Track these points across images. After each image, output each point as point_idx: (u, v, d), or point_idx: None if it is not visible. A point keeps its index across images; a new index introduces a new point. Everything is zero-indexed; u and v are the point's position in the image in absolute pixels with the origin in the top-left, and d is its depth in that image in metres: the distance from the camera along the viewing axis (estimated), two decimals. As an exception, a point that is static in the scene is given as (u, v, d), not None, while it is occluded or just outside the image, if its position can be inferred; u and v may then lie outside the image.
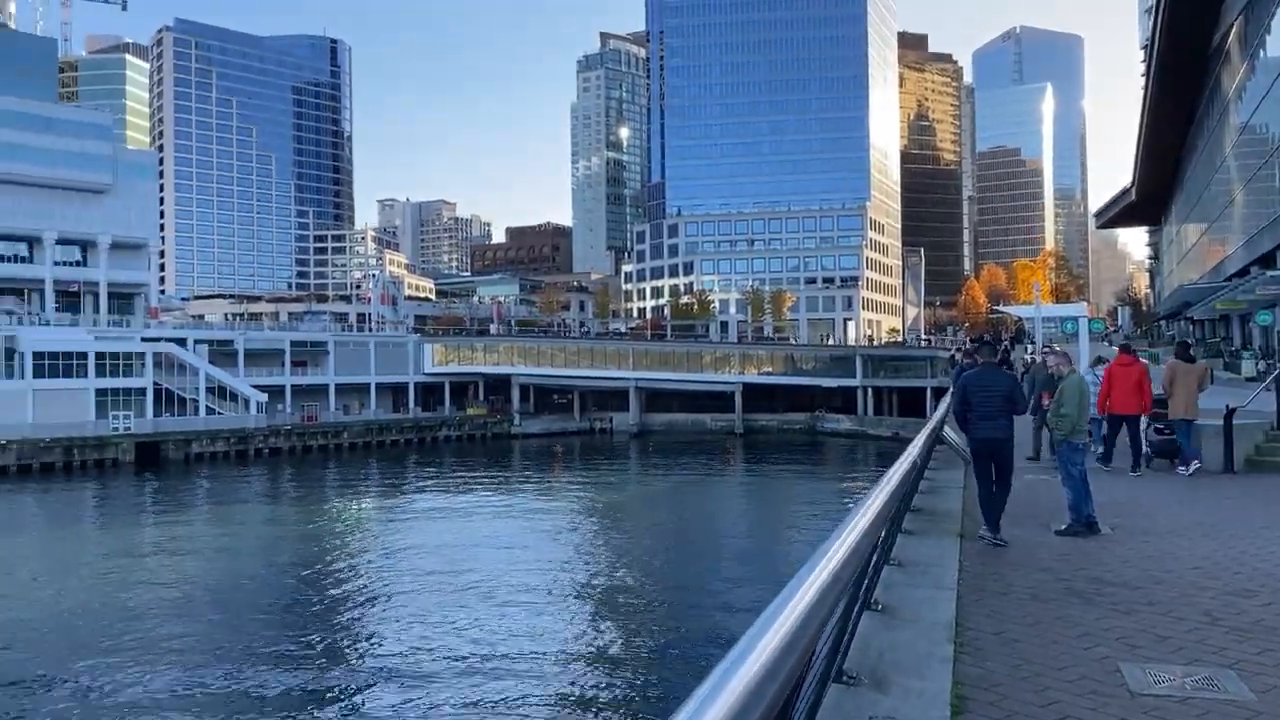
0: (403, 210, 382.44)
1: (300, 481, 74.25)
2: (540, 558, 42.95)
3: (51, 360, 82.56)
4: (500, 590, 36.46)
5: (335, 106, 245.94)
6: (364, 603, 36.10)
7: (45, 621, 33.31)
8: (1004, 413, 11.96)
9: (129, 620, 33.24)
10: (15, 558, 46.34)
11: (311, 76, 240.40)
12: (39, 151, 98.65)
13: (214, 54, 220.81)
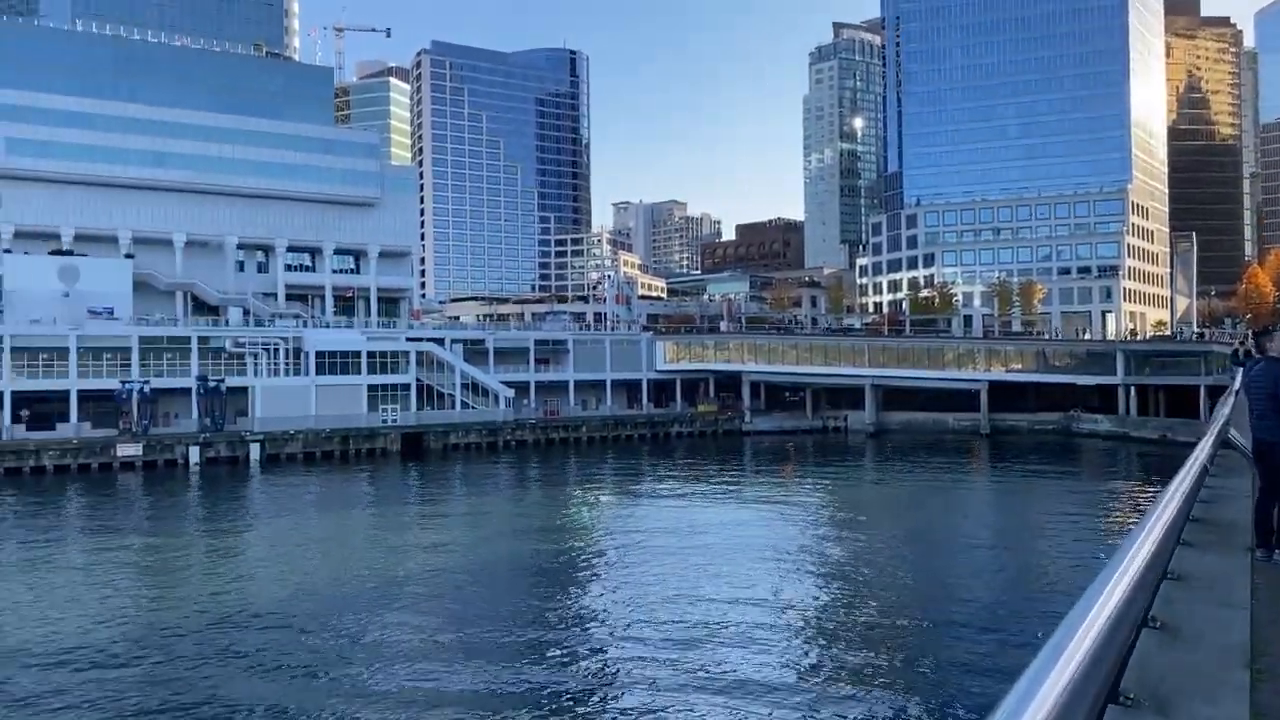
0: (636, 212, 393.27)
1: (544, 472, 78.10)
2: (776, 557, 42.71)
3: (331, 359, 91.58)
4: (737, 586, 36.59)
5: (574, 115, 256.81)
6: (604, 591, 37.42)
7: (326, 592, 37.02)
8: (1273, 411, 10.82)
9: (395, 592, 36.30)
10: (304, 535, 51.84)
11: (553, 88, 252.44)
12: (320, 171, 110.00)
13: (465, 72, 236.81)
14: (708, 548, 44.54)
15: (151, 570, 43.17)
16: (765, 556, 42.64)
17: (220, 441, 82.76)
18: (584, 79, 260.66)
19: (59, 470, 75.43)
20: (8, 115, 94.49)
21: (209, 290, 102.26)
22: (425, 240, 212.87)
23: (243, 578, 41.41)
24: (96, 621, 32.91)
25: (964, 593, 36.21)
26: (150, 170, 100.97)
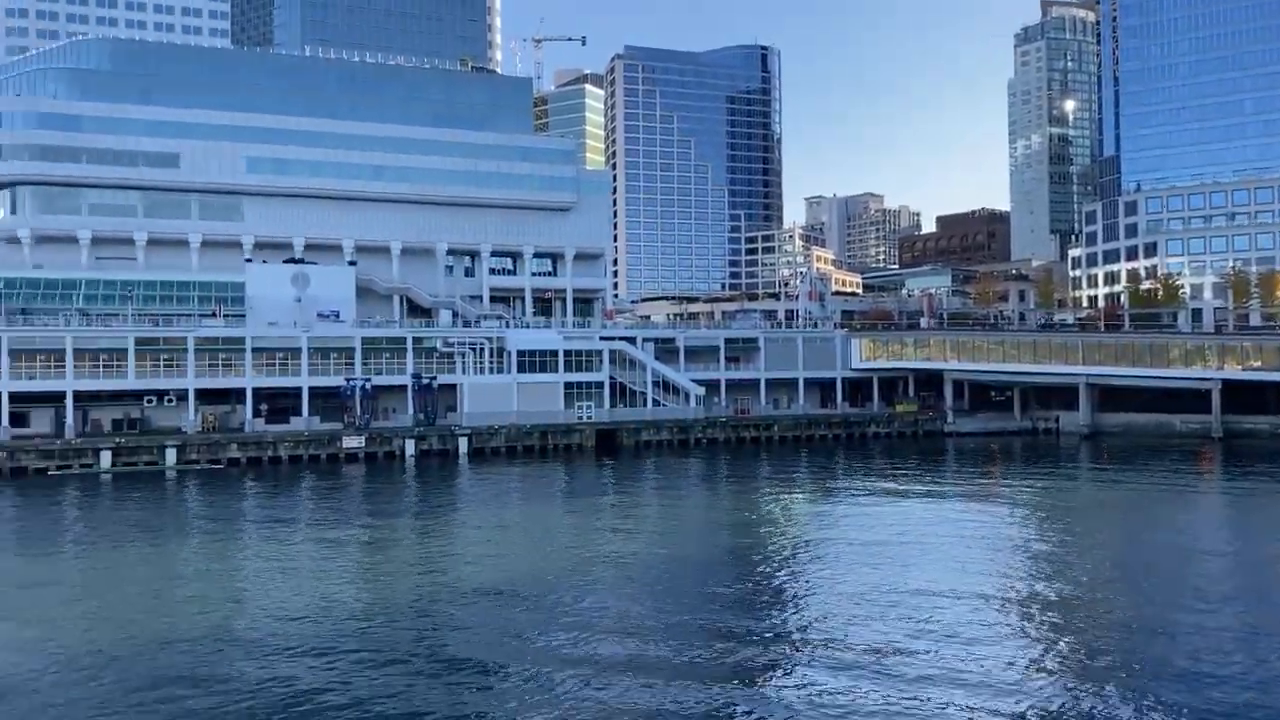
0: (829, 206, 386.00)
1: (735, 470, 78.07)
2: (979, 567, 40.81)
3: (531, 358, 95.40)
4: (935, 594, 35.25)
5: (765, 112, 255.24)
6: (797, 590, 36.96)
7: (530, 577, 38.59)
8: None
9: (593, 580, 37.38)
10: (509, 525, 54.28)
11: (744, 85, 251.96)
12: (520, 178, 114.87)
13: (658, 74, 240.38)
14: (905, 552, 43.13)
15: (374, 552, 46.49)
16: (966, 564, 40.82)
17: (432, 435, 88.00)
18: (775, 74, 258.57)
19: (293, 460, 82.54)
20: (249, 136, 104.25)
21: (422, 294, 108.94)
22: (618, 241, 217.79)
23: (454, 562, 43.87)
24: (327, 597, 35.81)
25: (1196, 625, 33.23)
26: (370, 183, 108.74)
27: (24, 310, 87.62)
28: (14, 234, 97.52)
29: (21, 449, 77.38)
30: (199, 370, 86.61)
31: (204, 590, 38.53)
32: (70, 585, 40.11)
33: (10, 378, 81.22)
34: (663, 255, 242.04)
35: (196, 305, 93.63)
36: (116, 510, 61.18)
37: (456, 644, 30.01)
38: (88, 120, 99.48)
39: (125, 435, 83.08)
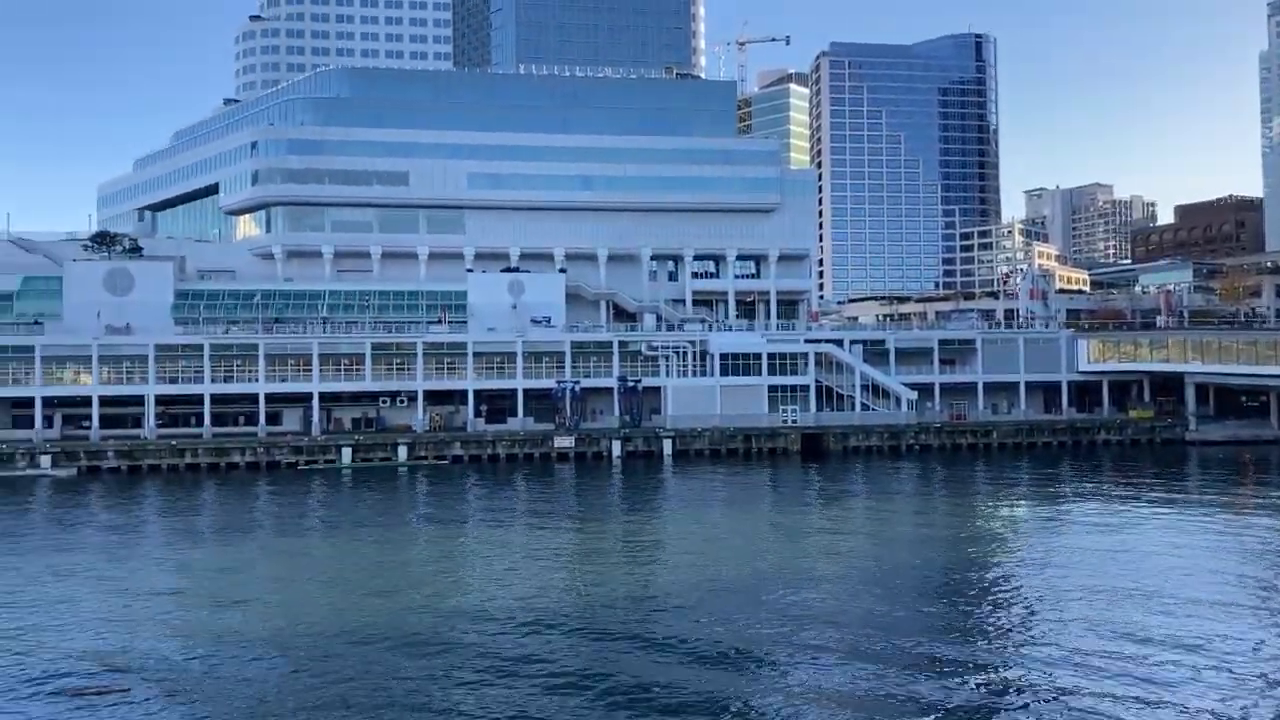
0: (1051, 199, 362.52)
1: (950, 479, 74.80)
2: (1229, 596, 36.98)
3: (734, 360, 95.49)
4: (1177, 623, 32.29)
5: (980, 102, 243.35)
6: (1021, 612, 34.88)
7: (734, 580, 38.62)
8: None
9: (799, 586, 36.87)
10: (712, 527, 54.62)
11: (957, 76, 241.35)
12: (722, 181, 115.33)
13: (865, 69, 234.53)
14: (1141, 573, 39.75)
15: (582, 549, 48.07)
16: (1213, 592, 37.08)
17: (638, 437, 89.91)
18: (990, 62, 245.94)
19: (509, 458, 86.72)
20: (469, 154, 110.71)
21: (627, 299, 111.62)
22: (823, 242, 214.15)
23: (663, 560, 44.63)
24: (547, 587, 37.34)
25: None
26: (579, 193, 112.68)
27: (277, 319, 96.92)
28: (268, 250, 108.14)
29: (276, 444, 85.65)
30: (427, 373, 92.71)
31: (435, 577, 41.16)
32: (317, 568, 43.91)
33: (266, 380, 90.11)
34: (871, 255, 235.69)
35: (424, 313, 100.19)
36: (356, 502, 66.48)
37: (667, 640, 30.47)
38: (329, 144, 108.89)
39: (363, 433, 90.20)
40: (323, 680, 26.97)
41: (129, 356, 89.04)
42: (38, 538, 52.88)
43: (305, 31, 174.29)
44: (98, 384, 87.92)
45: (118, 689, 25.71)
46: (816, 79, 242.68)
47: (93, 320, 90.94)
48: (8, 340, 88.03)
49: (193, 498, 68.43)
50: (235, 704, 25.23)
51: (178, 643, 30.71)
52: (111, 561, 45.02)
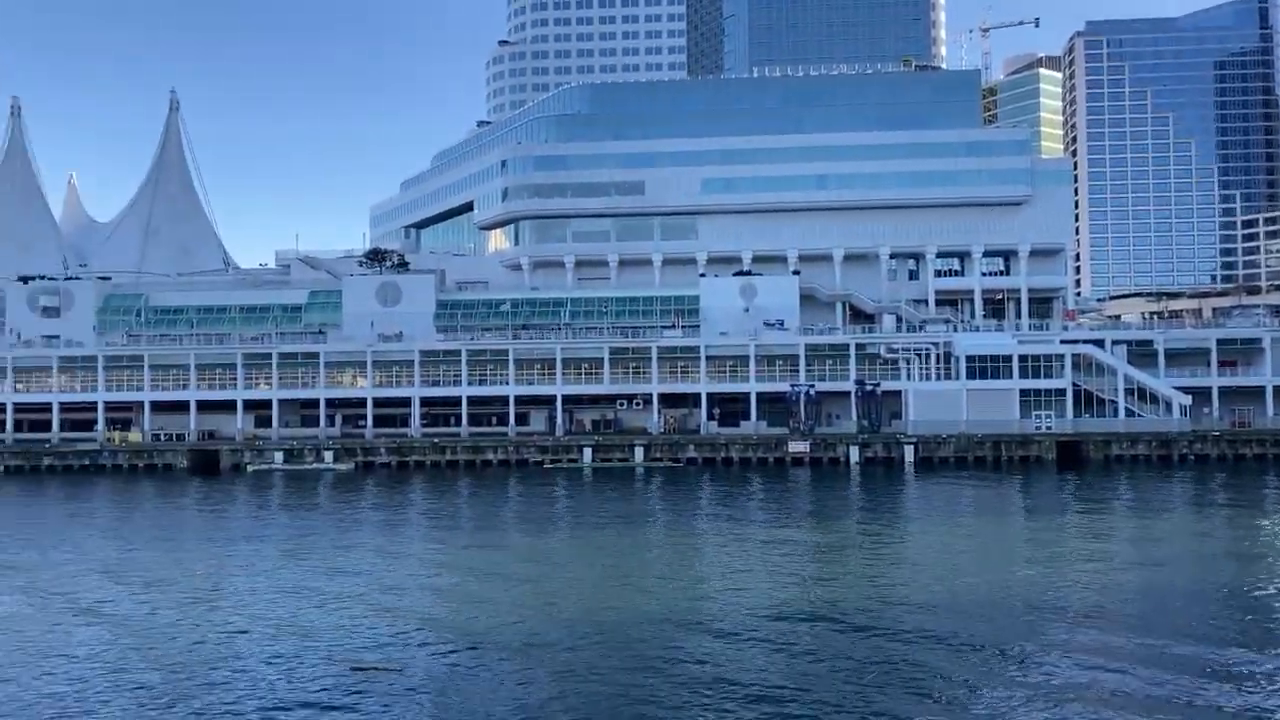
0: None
1: (1233, 492, 67.17)
2: None
3: (981, 363, 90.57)
4: None
5: (1266, 74, 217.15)
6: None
7: (982, 598, 36.54)
8: None
9: (1054, 609, 34.31)
10: (957, 540, 52.02)
11: (1237, 46, 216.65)
12: (966, 174, 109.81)
13: (1125, 48, 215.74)
14: None
15: (820, 553, 47.21)
16: None
17: (877, 442, 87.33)
18: (1277, 29, 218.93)
19: (742, 462, 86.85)
20: (702, 160, 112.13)
21: (864, 299, 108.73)
22: (1080, 235, 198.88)
23: (904, 571, 43.00)
24: (780, 593, 37.03)
25: None
26: (813, 193, 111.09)
27: (524, 326, 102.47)
28: (517, 261, 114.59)
29: (524, 444, 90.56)
30: (661, 377, 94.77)
31: (668, 576, 41.91)
32: (565, 564, 45.92)
33: (516, 383, 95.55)
34: (1135, 248, 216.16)
35: (659, 318, 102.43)
36: (597, 500, 68.99)
37: (905, 657, 29.29)
38: (570, 159, 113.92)
39: (602, 434, 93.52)
40: (569, 670, 28.09)
41: (397, 362, 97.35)
42: (326, 525, 58.80)
43: (549, 52, 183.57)
44: (372, 387, 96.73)
45: (392, 668, 28.01)
46: (1070, 61, 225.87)
47: (367, 329, 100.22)
48: (297, 348, 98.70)
49: (453, 492, 73.65)
50: (490, 689, 26.78)
51: (441, 628, 33.06)
52: (386, 549, 49.21)
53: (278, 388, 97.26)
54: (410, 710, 24.94)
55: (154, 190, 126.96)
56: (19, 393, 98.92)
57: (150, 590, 39.37)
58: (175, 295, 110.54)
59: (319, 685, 26.81)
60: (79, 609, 36.23)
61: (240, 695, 26.09)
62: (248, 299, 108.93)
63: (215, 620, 34.14)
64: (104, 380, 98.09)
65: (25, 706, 25.47)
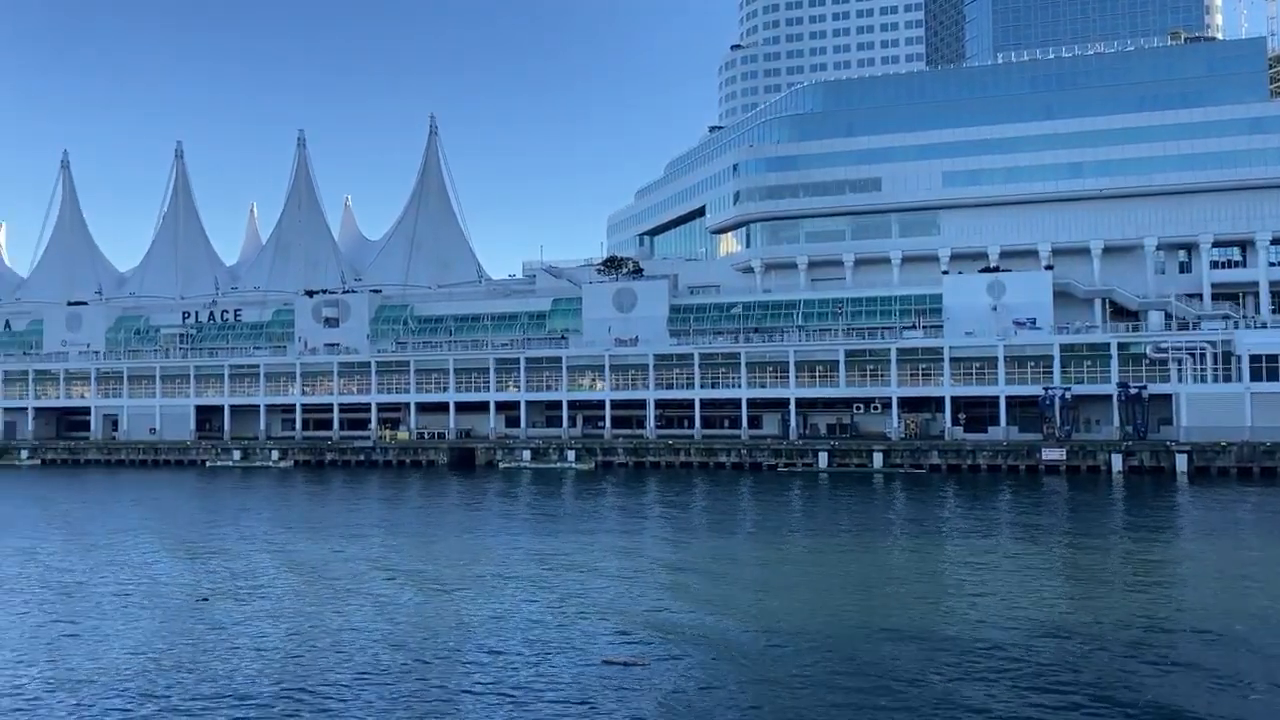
0: None
1: None
2: None
3: (1270, 363, 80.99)
4: None
5: None
6: None
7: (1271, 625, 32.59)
8: None
9: None
10: (1242, 563, 46.69)
11: None
12: (1251, 154, 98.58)
13: None
14: None
15: (1077, 568, 43.87)
16: None
17: (1142, 450, 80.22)
18: None
19: (991, 469, 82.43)
20: (943, 153, 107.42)
21: (1127, 295, 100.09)
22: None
23: (1175, 597, 39.19)
24: (1030, 612, 34.76)
25: None
26: (1067, 182, 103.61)
27: (756, 329, 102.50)
28: (748, 264, 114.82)
29: (757, 447, 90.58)
30: (900, 380, 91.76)
31: (910, 587, 40.45)
32: (799, 567, 45.47)
33: (747, 386, 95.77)
34: None
35: (897, 318, 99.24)
36: (833, 505, 67.83)
37: (1174, 695, 26.63)
38: (803, 159, 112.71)
39: (838, 439, 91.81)
40: (807, 677, 27.78)
41: (633, 365, 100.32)
42: (571, 521, 61.60)
43: (781, 54, 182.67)
44: (609, 390, 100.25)
45: (639, 662, 28.85)
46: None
47: (605, 334, 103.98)
48: (542, 353, 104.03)
49: (688, 492, 74.89)
50: (732, 689, 26.96)
51: (681, 626, 33.68)
52: (627, 546, 50.81)
53: (525, 390, 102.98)
54: (658, 706, 25.57)
55: (417, 209, 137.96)
56: (306, 394, 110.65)
57: (416, 577, 42.76)
58: (436, 305, 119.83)
59: (570, 675, 28.06)
60: (356, 591, 39.92)
61: (495, 678, 27.77)
62: (498, 308, 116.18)
63: (475, 607, 36.54)
64: (376, 383, 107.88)
65: (317, 676, 28.39)
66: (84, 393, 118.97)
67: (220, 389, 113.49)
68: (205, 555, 48.92)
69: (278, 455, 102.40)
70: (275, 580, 42.52)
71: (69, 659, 30.32)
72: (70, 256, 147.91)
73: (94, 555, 49.54)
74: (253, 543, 52.81)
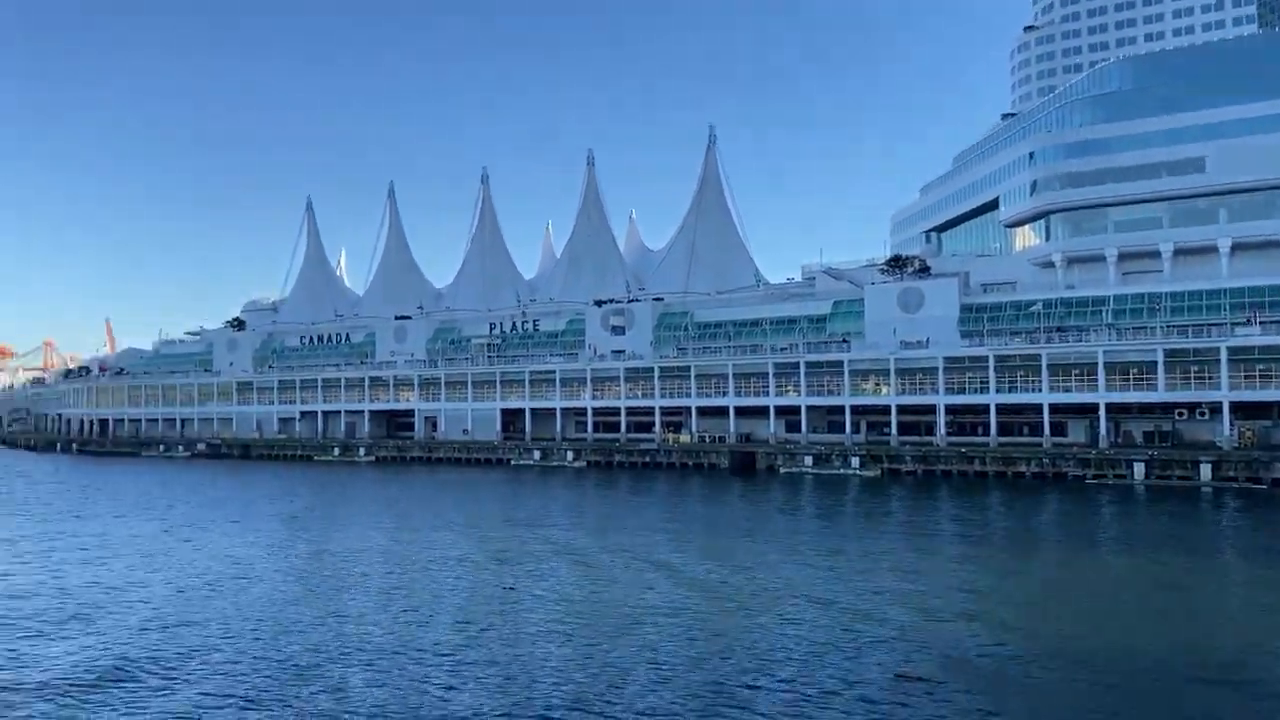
0: None
1: None
2: None
3: None
4: None
5: None
6: None
7: None
8: None
9: None
10: None
11: None
12: None
13: None
14: None
15: None
16: None
17: None
18: None
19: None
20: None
21: None
22: None
23: None
24: None
25: None
26: None
27: (1058, 328, 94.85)
28: (1048, 258, 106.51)
29: (1061, 456, 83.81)
30: (1233, 382, 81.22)
31: (1243, 623, 35.57)
32: (1107, 594, 41.39)
33: (1049, 390, 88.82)
34: None
35: (1228, 313, 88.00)
36: (1153, 524, 61.30)
37: None
38: (1110, 142, 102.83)
39: (1156, 448, 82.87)
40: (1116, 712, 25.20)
41: (920, 369, 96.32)
42: (856, 530, 60.24)
43: (1082, 30, 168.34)
44: (895, 394, 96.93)
45: (931, 679, 27.58)
46: None
47: (889, 336, 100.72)
48: (822, 357, 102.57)
49: (983, 504, 70.65)
50: (1033, 711, 25.06)
51: (975, 643, 31.78)
52: (917, 558, 48.78)
53: (805, 395, 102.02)
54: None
55: (696, 218, 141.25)
56: (596, 399, 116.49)
57: (704, 575, 43.53)
58: (715, 311, 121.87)
59: (860, 686, 27.33)
60: (648, 587, 41.29)
61: (782, 681, 27.58)
62: (777, 312, 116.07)
63: (761, 608, 36.59)
64: (659, 388, 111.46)
65: (608, 661, 29.64)
66: (409, 397, 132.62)
67: (522, 393, 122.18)
68: (511, 546, 52.76)
69: (572, 455, 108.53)
70: (571, 573, 44.98)
71: (407, 633, 33.81)
72: (396, 276, 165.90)
73: (419, 540, 54.96)
74: (552, 537, 56.20)
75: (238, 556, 50.78)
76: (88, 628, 35.55)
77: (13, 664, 31.07)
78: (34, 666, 30.70)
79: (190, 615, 37.10)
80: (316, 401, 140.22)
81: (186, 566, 48.04)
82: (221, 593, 41.48)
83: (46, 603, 39.93)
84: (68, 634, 34.74)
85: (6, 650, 32.62)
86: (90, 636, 34.29)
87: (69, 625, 36.03)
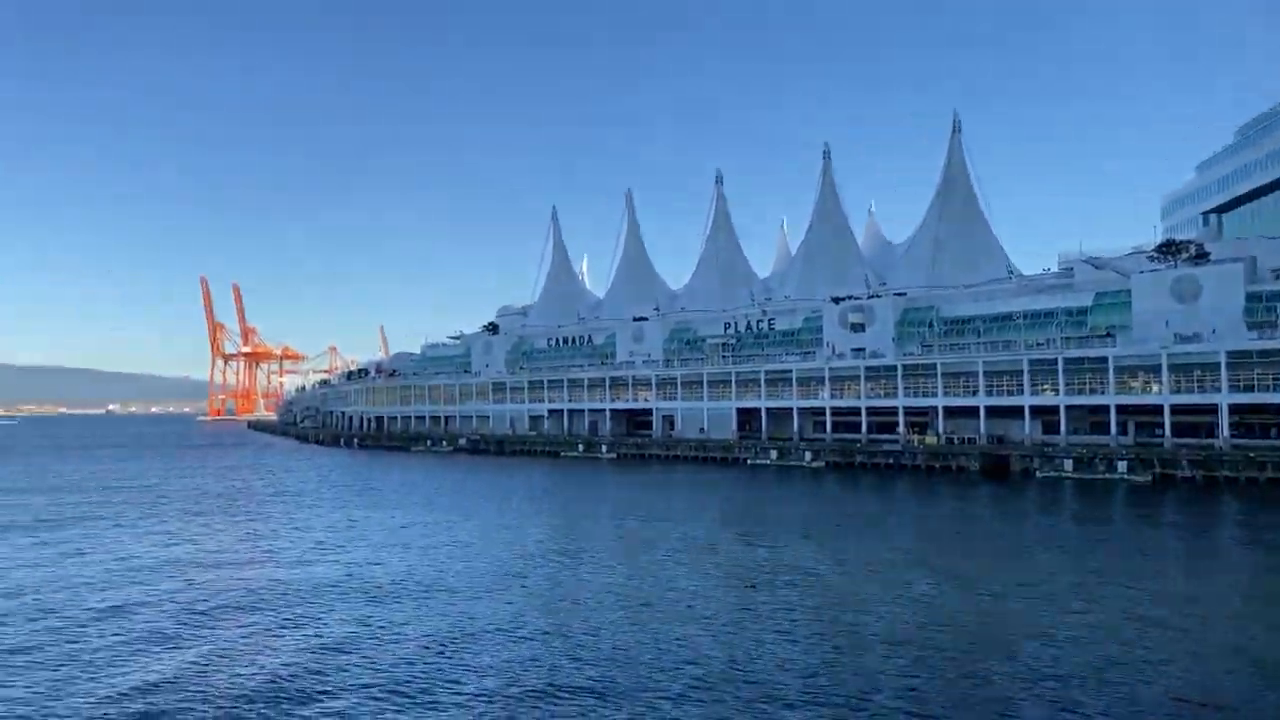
0: None
1: None
2: None
3: None
4: None
5: None
6: None
7: None
8: None
9: None
10: None
11: None
12: None
13: None
14: None
15: None
16: None
17: None
18: None
19: None
20: None
21: None
22: None
23: None
24: None
25: None
26: None
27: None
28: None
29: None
30: None
31: None
32: None
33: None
34: None
35: None
36: None
37: None
38: None
39: None
40: None
41: (1199, 365, 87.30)
42: (1125, 540, 55.56)
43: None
44: (1167, 393, 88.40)
45: (1215, 704, 25.01)
46: None
47: (1160, 329, 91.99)
48: (1083, 352, 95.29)
49: (1276, 514, 62.99)
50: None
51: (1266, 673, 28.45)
52: (1196, 575, 44.37)
53: (1064, 394, 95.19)
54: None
55: (940, 209, 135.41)
56: (834, 398, 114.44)
57: (955, 584, 41.69)
58: (963, 306, 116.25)
59: (1132, 707, 25.23)
60: (897, 596, 40.11)
61: (1051, 696, 25.94)
62: (1031, 305, 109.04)
63: (1022, 621, 34.61)
64: (902, 387, 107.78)
65: (844, 665, 29.05)
66: (646, 396, 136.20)
67: (757, 393, 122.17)
68: (756, 545, 52.96)
69: (810, 455, 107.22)
70: (812, 575, 44.49)
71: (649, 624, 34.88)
72: (634, 279, 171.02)
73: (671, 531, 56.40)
74: (793, 539, 55.85)
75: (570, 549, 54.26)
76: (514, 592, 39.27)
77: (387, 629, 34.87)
78: (400, 631, 34.27)
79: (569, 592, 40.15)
80: (562, 400, 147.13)
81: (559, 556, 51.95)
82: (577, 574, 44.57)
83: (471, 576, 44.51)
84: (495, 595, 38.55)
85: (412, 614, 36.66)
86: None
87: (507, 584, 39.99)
